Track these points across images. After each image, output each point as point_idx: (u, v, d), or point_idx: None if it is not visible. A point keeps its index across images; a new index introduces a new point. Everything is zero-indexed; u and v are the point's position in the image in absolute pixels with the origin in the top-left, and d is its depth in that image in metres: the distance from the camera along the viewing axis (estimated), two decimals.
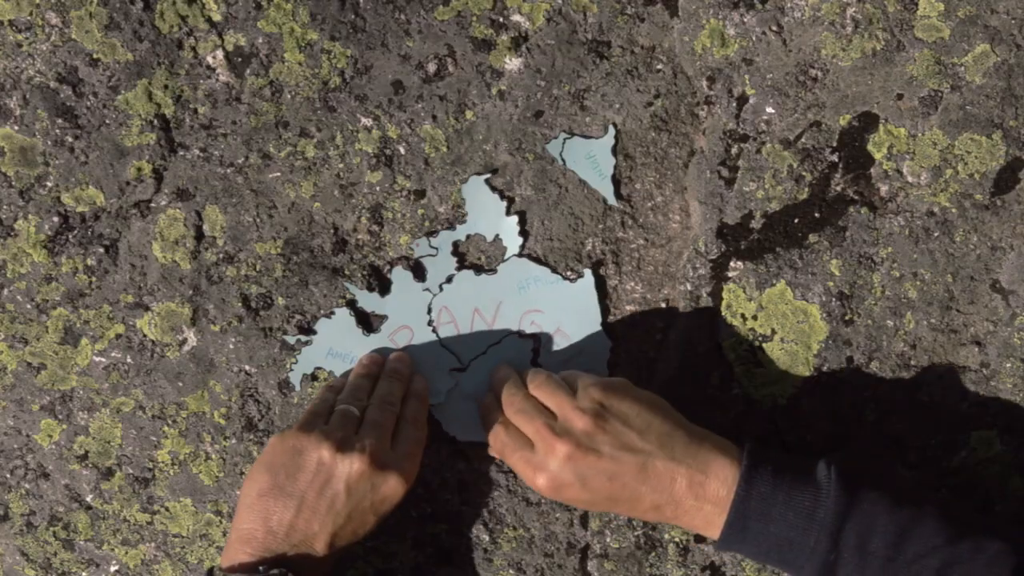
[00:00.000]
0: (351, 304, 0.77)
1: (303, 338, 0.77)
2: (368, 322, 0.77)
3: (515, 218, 0.76)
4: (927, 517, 0.65)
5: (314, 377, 0.78)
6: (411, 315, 0.77)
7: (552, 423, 0.68)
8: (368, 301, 0.77)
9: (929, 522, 0.64)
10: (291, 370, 0.77)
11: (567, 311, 0.77)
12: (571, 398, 0.68)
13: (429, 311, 0.77)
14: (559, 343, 0.77)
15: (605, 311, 0.77)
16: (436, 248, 0.76)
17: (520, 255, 0.76)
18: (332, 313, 0.77)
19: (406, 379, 0.75)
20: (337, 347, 0.77)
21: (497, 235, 0.76)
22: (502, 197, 0.75)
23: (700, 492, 0.66)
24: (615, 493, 0.67)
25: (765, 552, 0.66)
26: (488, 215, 0.76)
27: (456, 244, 0.76)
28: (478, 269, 0.77)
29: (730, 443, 0.69)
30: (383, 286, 0.77)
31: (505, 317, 0.77)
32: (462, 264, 0.77)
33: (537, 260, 0.77)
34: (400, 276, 0.76)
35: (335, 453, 0.67)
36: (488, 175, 0.75)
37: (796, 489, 0.66)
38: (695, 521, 0.67)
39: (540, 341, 0.77)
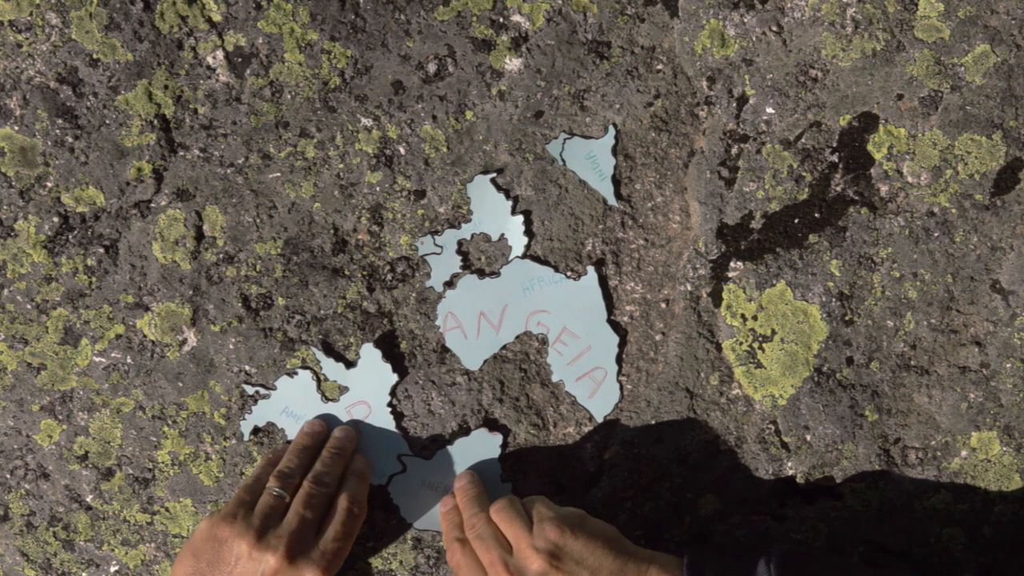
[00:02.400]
0: (314, 369, 0.77)
1: (262, 391, 0.77)
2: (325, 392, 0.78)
3: (520, 217, 0.76)
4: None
5: (261, 431, 0.78)
6: (372, 392, 0.78)
7: (507, 558, 0.69)
8: (333, 370, 0.77)
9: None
10: (244, 419, 0.78)
11: (573, 309, 0.77)
12: (528, 534, 0.70)
13: (435, 317, 0.77)
14: (567, 342, 0.77)
15: (610, 308, 0.77)
16: (441, 247, 0.76)
17: (524, 255, 0.76)
18: (295, 373, 0.77)
19: (347, 455, 0.76)
20: (293, 407, 0.78)
21: (502, 234, 0.76)
22: (507, 196, 0.75)
23: None
24: None
25: None
26: (493, 214, 0.76)
27: (460, 243, 0.76)
28: (481, 273, 0.77)
29: (673, 559, 0.70)
30: (351, 361, 0.77)
31: (511, 319, 0.77)
32: (466, 263, 0.77)
33: (538, 260, 0.77)
34: (369, 353, 0.77)
35: (252, 547, 0.68)
36: (493, 174, 0.75)
37: None
38: None
39: (548, 341, 0.78)
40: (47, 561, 0.82)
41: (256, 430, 0.79)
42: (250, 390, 0.77)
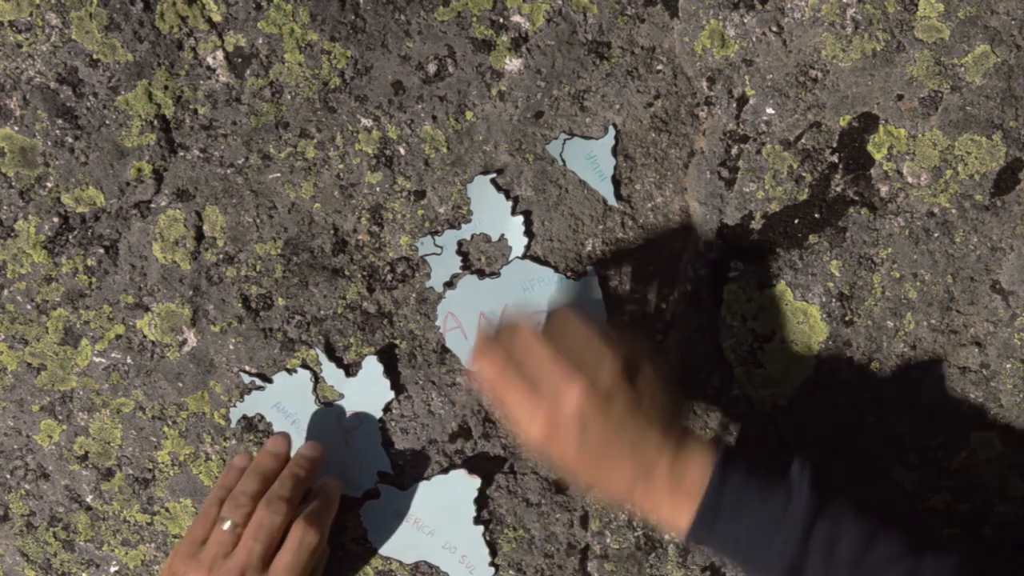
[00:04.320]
0: (314, 370, 0.77)
1: (258, 382, 0.77)
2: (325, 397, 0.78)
3: (520, 218, 0.76)
4: (892, 526, 0.64)
5: (251, 424, 0.78)
6: (366, 404, 0.78)
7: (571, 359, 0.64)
8: (332, 375, 0.77)
9: (894, 531, 0.64)
10: (234, 406, 0.78)
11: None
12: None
13: (435, 317, 0.77)
14: None
15: (610, 308, 0.77)
16: (441, 247, 0.76)
17: (524, 256, 0.76)
18: (295, 371, 0.77)
19: (311, 475, 0.72)
20: (285, 404, 0.78)
21: (502, 235, 0.76)
22: (507, 196, 0.75)
23: (678, 476, 0.64)
24: (606, 453, 0.64)
25: (732, 546, 0.65)
26: (493, 214, 0.76)
27: (460, 243, 0.76)
28: (481, 273, 0.77)
29: (704, 442, 0.67)
30: (350, 369, 0.77)
31: None
32: (466, 263, 0.77)
33: (538, 261, 0.77)
34: (371, 365, 0.77)
35: None
36: (493, 174, 0.75)
37: (769, 485, 0.65)
38: (662, 508, 0.65)
39: None
40: (47, 561, 0.82)
41: (249, 426, 0.79)
42: (247, 379, 0.77)
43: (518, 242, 0.76)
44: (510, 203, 0.75)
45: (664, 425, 0.65)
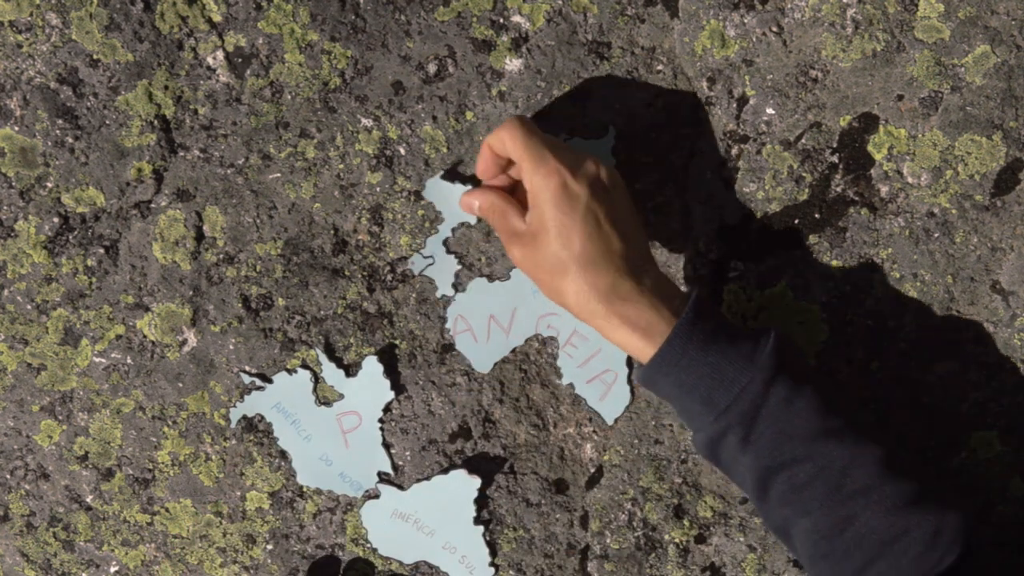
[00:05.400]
0: (314, 370, 0.77)
1: (258, 382, 0.77)
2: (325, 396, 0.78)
3: None
4: (849, 394, 0.67)
5: (251, 424, 0.78)
6: (366, 404, 0.78)
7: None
8: (332, 375, 0.77)
9: (854, 396, 0.67)
10: (234, 406, 0.78)
11: None
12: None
13: (445, 320, 0.77)
14: (577, 345, 0.77)
15: None
16: (432, 256, 0.76)
17: None
18: (295, 371, 0.77)
19: None
20: (285, 404, 0.78)
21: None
22: (464, 182, 0.75)
23: (661, 294, 0.65)
24: (597, 249, 0.64)
25: (693, 384, 0.64)
26: (455, 205, 0.75)
27: (446, 243, 0.76)
28: (491, 277, 0.77)
29: (676, 291, 0.68)
30: (350, 369, 0.77)
31: (521, 322, 0.77)
32: (462, 260, 0.77)
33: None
34: (371, 365, 0.77)
35: None
36: (442, 172, 0.75)
37: (738, 334, 0.65)
38: (636, 328, 0.65)
39: (558, 344, 0.77)
40: (47, 561, 0.82)
41: (249, 427, 0.79)
42: (247, 379, 0.77)
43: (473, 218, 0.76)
44: (469, 185, 0.75)
45: (645, 237, 0.68)
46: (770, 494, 0.65)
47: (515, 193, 0.71)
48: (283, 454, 0.79)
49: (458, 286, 0.77)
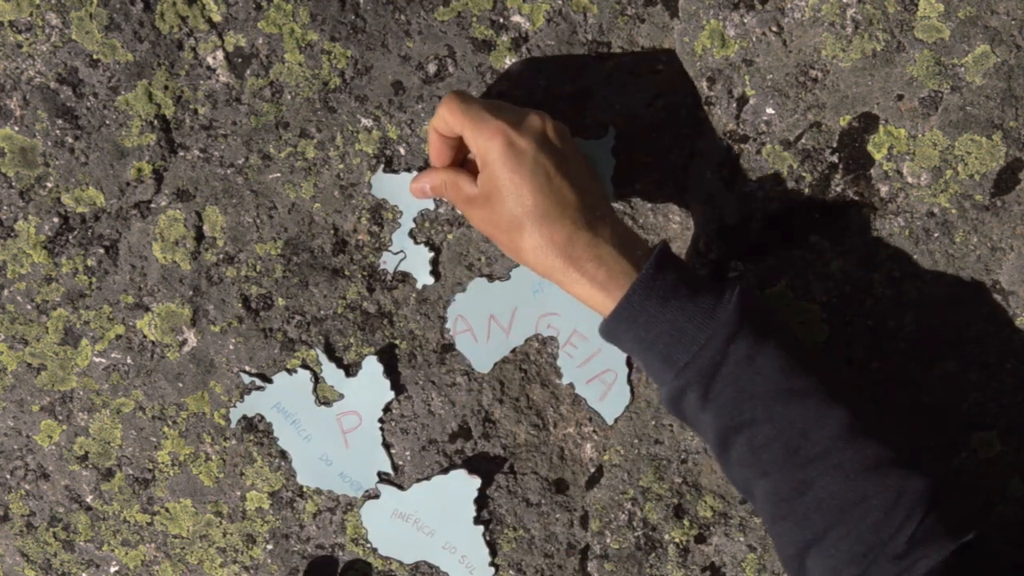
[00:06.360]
0: (314, 370, 0.77)
1: (258, 382, 0.77)
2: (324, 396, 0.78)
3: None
4: (813, 356, 0.65)
5: (251, 424, 0.78)
6: (366, 404, 0.78)
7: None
8: (332, 375, 0.77)
9: (817, 358, 0.65)
10: (234, 406, 0.78)
11: (582, 312, 0.76)
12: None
13: (445, 320, 0.77)
14: (577, 344, 0.77)
15: None
16: (401, 250, 0.76)
17: None
18: (295, 371, 0.77)
19: None
20: (285, 404, 0.78)
21: None
22: (408, 170, 0.75)
23: (622, 247, 0.64)
24: (550, 202, 0.64)
25: (652, 340, 0.63)
26: (404, 191, 0.75)
27: (412, 234, 0.76)
28: (490, 277, 0.77)
29: (641, 242, 0.67)
30: (350, 369, 0.78)
31: (521, 322, 0.77)
32: (433, 248, 0.76)
33: None
34: (371, 365, 0.77)
35: None
36: (381, 166, 0.75)
37: (701, 288, 0.64)
38: (594, 282, 0.64)
39: (558, 344, 0.77)
40: (47, 561, 0.82)
41: (249, 427, 0.79)
42: (247, 379, 0.77)
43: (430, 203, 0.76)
44: (414, 172, 0.74)
45: (602, 188, 0.67)
46: (730, 453, 0.64)
47: (465, 166, 0.70)
48: (283, 454, 0.79)
49: (436, 274, 0.77)
